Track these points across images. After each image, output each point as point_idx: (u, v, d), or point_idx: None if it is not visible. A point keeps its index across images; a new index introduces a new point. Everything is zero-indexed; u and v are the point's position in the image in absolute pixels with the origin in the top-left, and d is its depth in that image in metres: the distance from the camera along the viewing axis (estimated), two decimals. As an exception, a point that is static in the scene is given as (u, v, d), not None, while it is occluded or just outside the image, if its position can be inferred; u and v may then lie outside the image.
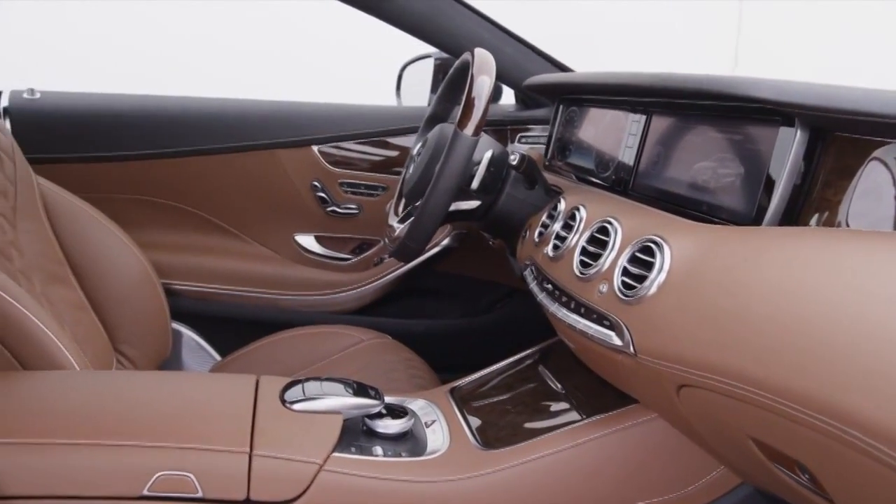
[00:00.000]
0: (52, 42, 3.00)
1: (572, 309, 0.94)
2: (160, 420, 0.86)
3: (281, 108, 1.71)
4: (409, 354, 1.46)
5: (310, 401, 0.92)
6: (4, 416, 0.83)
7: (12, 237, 1.21)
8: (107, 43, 3.16)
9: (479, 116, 1.10)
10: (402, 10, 1.48)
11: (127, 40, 3.18)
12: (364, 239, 1.77)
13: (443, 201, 1.12)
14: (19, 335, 1.00)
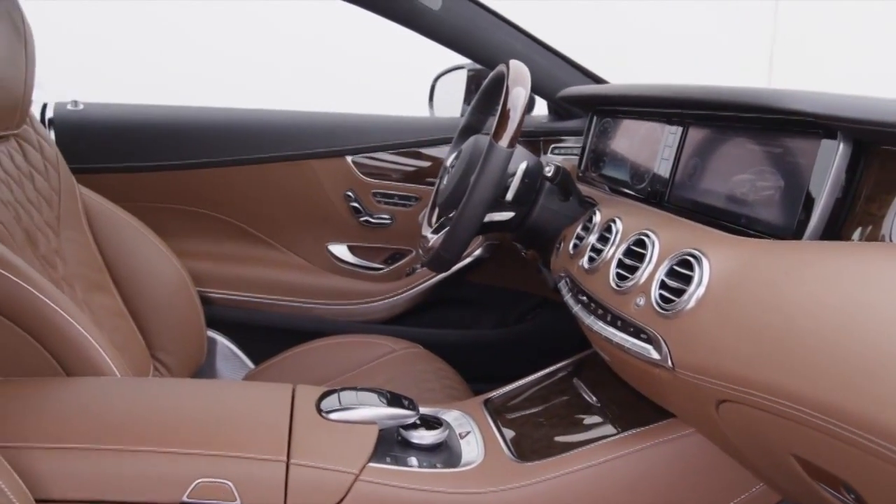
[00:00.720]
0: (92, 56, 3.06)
1: (608, 322, 0.94)
2: (200, 428, 0.87)
3: (316, 119, 1.73)
4: (441, 364, 1.46)
5: (346, 410, 0.93)
6: (52, 420, 0.85)
7: (56, 245, 1.24)
8: (146, 57, 3.22)
9: (514, 128, 1.10)
10: (438, 23, 1.49)
11: (167, 56, 3.25)
12: (396, 249, 1.78)
13: (477, 212, 1.12)
14: (64, 342, 1.02)
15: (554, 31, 1.89)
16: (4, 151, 1.19)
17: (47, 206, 1.25)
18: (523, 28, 1.58)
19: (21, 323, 1.00)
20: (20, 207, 1.16)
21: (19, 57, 1.15)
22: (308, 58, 3.43)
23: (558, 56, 1.61)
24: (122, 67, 3.11)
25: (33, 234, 1.18)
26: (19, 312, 0.99)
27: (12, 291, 0.98)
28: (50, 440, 0.82)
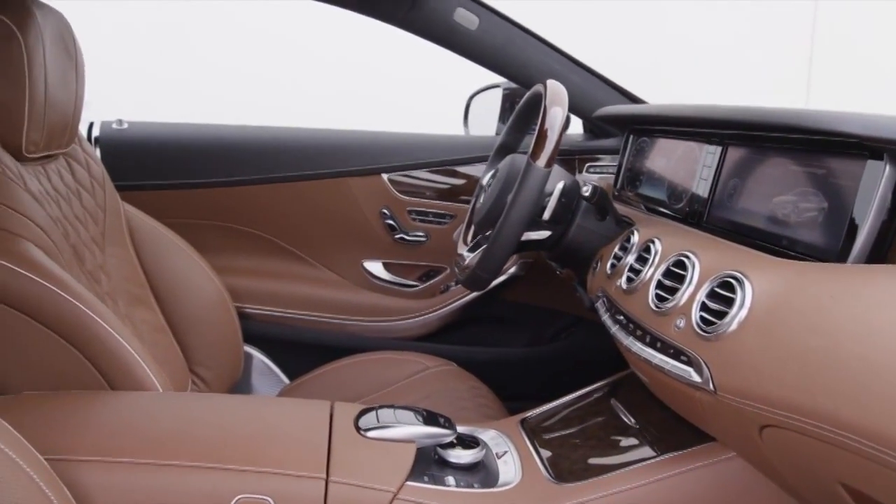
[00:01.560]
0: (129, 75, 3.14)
1: (648, 343, 0.93)
2: (241, 444, 0.88)
3: (352, 137, 1.75)
4: (475, 383, 1.46)
5: (384, 428, 0.93)
6: (98, 434, 0.87)
7: (101, 261, 1.27)
8: (187, 79, 3.30)
9: (551, 148, 1.11)
10: (474, 43, 1.50)
11: (208, 78, 3.32)
12: (431, 266, 1.79)
13: (515, 232, 1.12)
14: (108, 356, 1.04)
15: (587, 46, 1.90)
16: (54, 169, 1.22)
17: (93, 222, 1.29)
18: (559, 47, 1.59)
19: (69, 337, 1.02)
20: (68, 224, 1.19)
21: (70, 78, 1.19)
22: (345, 78, 3.48)
23: (594, 75, 1.62)
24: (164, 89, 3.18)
25: (80, 250, 1.21)
26: (67, 327, 1.02)
27: (61, 306, 1.01)
28: (97, 454, 0.84)
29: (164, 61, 3.31)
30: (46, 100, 1.11)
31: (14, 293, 1.00)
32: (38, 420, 0.89)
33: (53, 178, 1.22)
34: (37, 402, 0.96)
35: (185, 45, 3.35)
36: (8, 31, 1.04)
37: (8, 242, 1.02)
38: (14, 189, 1.06)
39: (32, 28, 1.07)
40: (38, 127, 1.11)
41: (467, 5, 1.48)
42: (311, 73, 3.46)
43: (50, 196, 1.17)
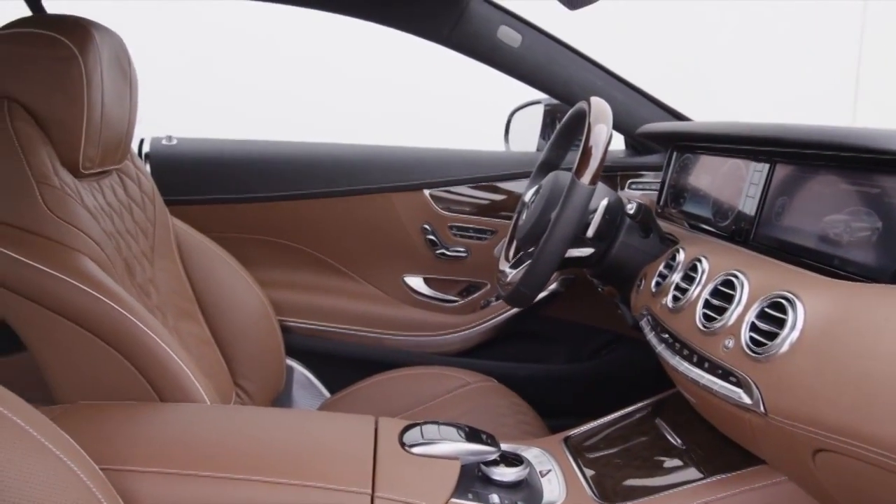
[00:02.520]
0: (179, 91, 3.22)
1: (695, 363, 0.92)
2: (287, 457, 0.89)
3: (394, 154, 1.77)
4: (515, 399, 1.46)
5: (428, 445, 0.94)
6: (150, 445, 0.89)
7: (151, 275, 1.30)
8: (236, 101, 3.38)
9: (596, 165, 1.11)
10: (517, 60, 1.51)
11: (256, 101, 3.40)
12: (471, 281, 1.79)
13: (559, 249, 1.12)
14: (159, 368, 1.07)
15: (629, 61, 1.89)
16: (108, 185, 1.26)
17: (143, 236, 1.32)
18: (601, 63, 1.59)
19: (121, 349, 1.05)
20: (120, 238, 1.23)
21: (125, 97, 1.22)
22: (384, 97, 3.53)
23: (637, 91, 1.61)
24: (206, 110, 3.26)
25: (131, 264, 1.24)
26: (120, 339, 1.05)
27: (115, 319, 1.04)
28: (148, 464, 0.85)
29: (206, 84, 3.39)
30: (103, 118, 1.15)
31: (71, 306, 1.03)
32: (93, 430, 0.91)
33: (107, 193, 1.25)
34: (91, 411, 0.99)
35: (231, 69, 3.44)
36: (69, 53, 1.08)
37: (65, 256, 1.05)
38: (72, 204, 1.09)
39: (91, 49, 1.11)
40: (95, 144, 1.15)
41: (511, 23, 1.49)
42: (354, 92, 3.51)
43: (104, 211, 1.21)
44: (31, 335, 1.07)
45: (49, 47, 1.08)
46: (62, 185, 1.09)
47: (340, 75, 3.51)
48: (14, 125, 1.07)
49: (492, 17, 1.47)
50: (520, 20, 1.51)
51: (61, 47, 1.08)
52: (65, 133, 1.11)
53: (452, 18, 1.44)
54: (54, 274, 1.03)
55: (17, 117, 1.07)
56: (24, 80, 1.08)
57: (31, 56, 1.08)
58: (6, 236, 1.04)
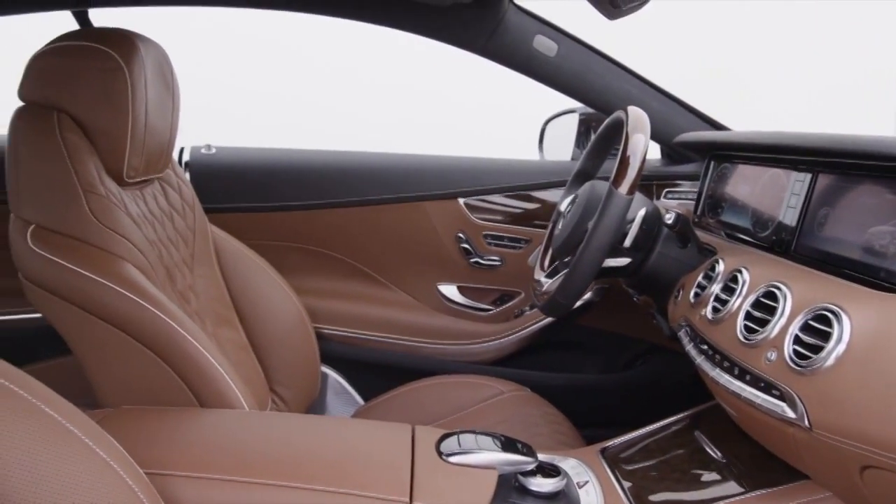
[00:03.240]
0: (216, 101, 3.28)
1: (736, 375, 0.91)
2: (326, 465, 0.90)
3: (429, 162, 1.77)
4: (549, 409, 1.45)
5: (466, 454, 0.93)
6: (190, 450, 0.90)
7: (190, 281, 1.32)
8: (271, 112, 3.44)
9: (633, 175, 1.10)
10: (553, 70, 1.51)
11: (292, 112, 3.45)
12: (505, 290, 1.79)
13: (596, 258, 1.12)
14: (199, 375, 1.08)
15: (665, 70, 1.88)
16: (150, 193, 1.28)
17: (184, 244, 1.34)
18: (638, 72, 1.58)
19: (163, 355, 1.07)
20: (162, 246, 1.25)
21: (168, 107, 1.25)
22: (420, 105, 3.55)
23: (673, 100, 1.60)
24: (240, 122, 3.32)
25: (172, 271, 1.26)
26: (162, 345, 1.06)
27: (157, 325, 1.05)
28: (190, 469, 0.87)
29: (236, 95, 3.45)
30: (146, 128, 1.17)
31: (115, 312, 1.05)
32: (136, 434, 0.93)
33: (149, 201, 1.27)
34: (134, 416, 1.00)
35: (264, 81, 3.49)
36: (115, 64, 1.11)
37: (110, 263, 1.07)
38: (116, 212, 1.11)
39: (137, 61, 1.13)
40: (139, 153, 1.17)
41: (547, 32, 1.49)
42: (388, 103, 3.55)
43: (146, 219, 1.23)
44: (76, 340, 1.09)
45: (96, 59, 1.11)
46: (107, 193, 1.12)
47: (375, 86, 3.55)
48: (63, 135, 1.09)
49: (528, 26, 1.48)
50: (556, 29, 1.51)
51: (108, 59, 1.11)
52: (110, 143, 1.13)
53: (489, 29, 1.44)
54: (99, 280, 1.05)
55: (65, 128, 1.10)
56: (73, 91, 1.11)
57: (79, 68, 1.11)
58: (53, 243, 1.07)
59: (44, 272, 1.06)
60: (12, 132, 1.11)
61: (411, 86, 3.55)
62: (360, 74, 3.55)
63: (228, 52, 3.45)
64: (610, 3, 0.97)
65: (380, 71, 3.54)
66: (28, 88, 1.13)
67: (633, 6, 1.01)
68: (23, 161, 1.10)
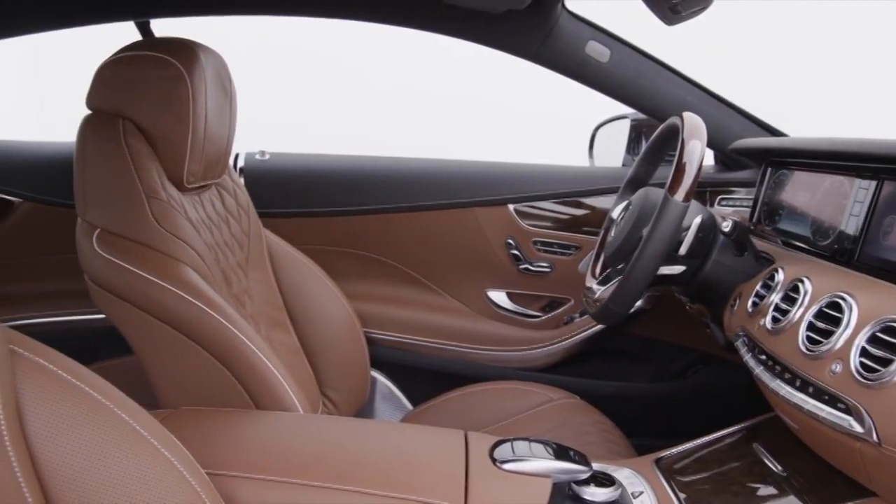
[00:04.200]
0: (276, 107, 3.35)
1: (798, 387, 0.89)
2: (381, 469, 0.91)
3: (479, 168, 1.78)
4: (599, 417, 1.44)
5: (520, 461, 0.93)
6: (248, 451, 0.92)
7: (245, 285, 1.35)
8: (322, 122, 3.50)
9: (690, 182, 1.09)
10: (605, 75, 1.50)
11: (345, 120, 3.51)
12: (554, 297, 1.78)
13: (651, 266, 1.10)
14: (255, 377, 1.10)
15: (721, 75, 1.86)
16: (207, 198, 1.31)
17: (239, 248, 1.37)
18: (692, 78, 1.56)
19: (221, 357, 1.09)
20: (218, 250, 1.27)
21: (226, 114, 1.27)
22: (469, 111, 3.57)
23: (728, 105, 1.57)
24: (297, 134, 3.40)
25: (228, 275, 1.28)
26: (220, 348, 1.09)
27: (216, 328, 1.08)
28: (248, 470, 0.88)
29: (290, 106, 3.51)
30: (206, 134, 1.20)
31: (175, 314, 1.08)
32: (196, 435, 0.95)
33: (207, 206, 1.30)
34: (193, 417, 1.02)
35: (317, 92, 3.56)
36: (177, 73, 1.13)
37: (171, 267, 1.10)
38: (177, 217, 1.14)
39: (197, 69, 1.16)
40: (198, 159, 1.20)
41: (599, 38, 1.48)
42: (436, 111, 3.57)
43: (204, 223, 1.26)
44: (137, 341, 1.12)
45: (160, 68, 1.14)
46: (169, 198, 1.15)
47: (423, 95, 3.57)
48: (127, 142, 1.12)
49: (580, 32, 1.47)
50: (608, 35, 1.50)
51: (170, 68, 1.14)
52: (171, 149, 1.16)
53: (541, 35, 1.44)
54: (160, 283, 1.08)
55: (129, 134, 1.13)
56: (137, 99, 1.14)
57: (143, 77, 1.14)
58: (118, 246, 1.10)
59: (108, 275, 1.09)
60: (80, 139, 1.15)
61: (460, 94, 3.57)
62: (410, 85, 3.59)
63: (281, 66, 3.52)
64: (670, 10, 0.96)
65: (428, 79, 3.56)
66: (95, 97, 1.17)
67: (694, 11, 1.00)
68: (89, 167, 1.13)
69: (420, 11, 1.40)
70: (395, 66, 3.56)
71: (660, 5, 0.97)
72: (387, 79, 3.59)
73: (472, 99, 3.57)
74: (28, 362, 0.68)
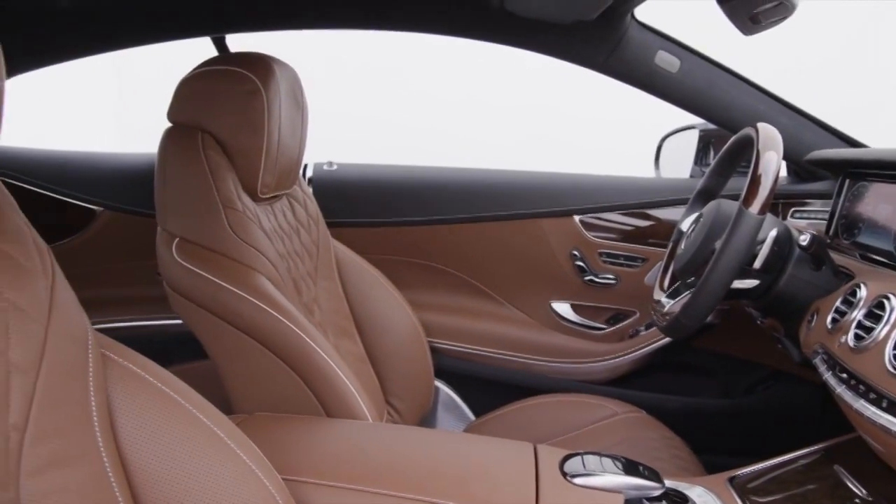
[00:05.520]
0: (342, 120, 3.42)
1: (884, 408, 0.86)
2: (452, 479, 0.91)
3: (544, 179, 1.77)
4: (667, 433, 1.41)
5: (591, 476, 0.92)
6: (321, 458, 0.93)
7: (315, 294, 1.37)
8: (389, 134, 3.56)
9: (766, 195, 1.06)
10: (675, 86, 1.48)
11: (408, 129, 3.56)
12: (620, 309, 1.76)
13: (725, 280, 1.08)
14: (326, 385, 1.12)
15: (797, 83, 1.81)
16: (279, 208, 1.34)
17: (308, 257, 1.39)
18: (765, 87, 1.53)
19: (293, 365, 1.11)
20: (290, 259, 1.30)
21: (298, 126, 1.30)
22: (534, 121, 3.57)
23: (803, 115, 1.53)
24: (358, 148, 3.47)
25: (298, 284, 1.31)
26: (292, 355, 1.11)
27: (288, 336, 1.10)
28: (321, 477, 0.89)
29: (364, 123, 3.58)
30: (279, 146, 1.23)
31: (249, 322, 1.10)
32: (270, 440, 0.97)
33: (279, 216, 1.33)
34: (267, 422, 1.05)
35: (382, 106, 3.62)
36: (254, 86, 1.17)
37: (246, 275, 1.12)
38: (252, 227, 1.17)
39: (273, 83, 1.19)
40: (272, 171, 1.23)
41: (668, 48, 1.46)
42: (501, 120, 3.58)
43: (276, 233, 1.29)
44: (213, 347, 1.15)
45: (237, 82, 1.17)
46: (244, 208, 1.18)
47: (486, 105, 3.59)
48: (206, 153, 1.16)
49: (650, 42, 1.45)
50: (678, 45, 1.48)
51: (247, 81, 1.17)
52: (247, 160, 1.20)
53: (610, 45, 1.43)
54: (236, 291, 1.11)
55: (208, 146, 1.17)
56: (215, 112, 1.18)
57: (221, 91, 1.18)
58: (195, 255, 1.13)
59: (186, 282, 1.12)
60: (161, 151, 1.19)
61: (523, 103, 3.57)
62: (473, 95, 3.61)
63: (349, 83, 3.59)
64: (750, 20, 0.95)
65: (490, 90, 3.58)
66: (176, 110, 1.21)
67: (774, 21, 0.98)
68: (170, 178, 1.17)
69: (489, 24, 1.41)
70: (457, 79, 3.59)
71: (740, 16, 0.95)
72: (450, 91, 3.63)
73: (535, 108, 3.56)
74: (119, 367, 0.71)
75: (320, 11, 1.42)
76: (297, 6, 1.40)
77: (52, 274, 0.68)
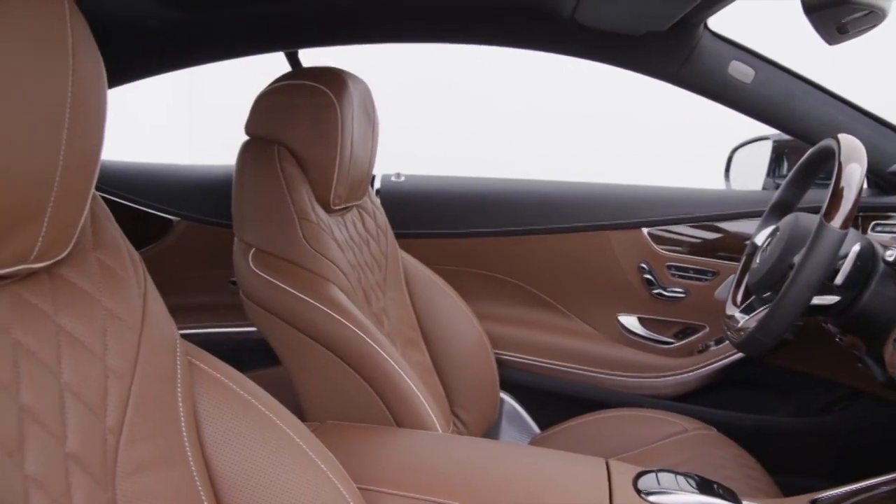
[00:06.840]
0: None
1: (980, 433, 0.82)
2: (525, 493, 0.91)
3: (612, 191, 1.76)
4: (738, 451, 1.38)
5: (666, 494, 0.91)
6: (394, 468, 0.94)
7: (383, 304, 1.39)
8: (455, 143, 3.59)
9: (848, 208, 1.03)
10: (749, 96, 1.44)
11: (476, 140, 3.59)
12: (689, 324, 1.72)
13: (804, 296, 1.05)
14: (397, 395, 1.13)
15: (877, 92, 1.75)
16: (350, 219, 1.37)
17: (378, 268, 1.41)
18: (844, 96, 1.48)
19: (364, 374, 1.13)
20: (360, 269, 1.32)
21: (369, 138, 1.32)
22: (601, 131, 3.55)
23: (885, 125, 1.48)
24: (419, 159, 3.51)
25: (368, 294, 1.33)
26: (364, 365, 1.12)
27: (360, 346, 1.12)
28: (394, 486, 0.90)
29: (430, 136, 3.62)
30: (351, 158, 1.25)
31: (322, 331, 1.13)
32: (344, 449, 0.98)
33: (349, 227, 1.36)
34: (340, 431, 1.06)
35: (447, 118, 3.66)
36: (328, 100, 1.19)
37: (319, 285, 1.15)
38: (325, 238, 1.20)
39: (346, 96, 1.22)
40: (344, 182, 1.25)
41: (743, 58, 1.43)
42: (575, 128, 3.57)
43: (347, 244, 1.31)
44: (286, 355, 1.18)
45: (312, 96, 1.20)
46: (318, 220, 1.20)
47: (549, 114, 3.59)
48: (281, 166, 1.19)
49: (723, 52, 1.43)
50: (752, 54, 1.45)
51: (322, 95, 1.20)
52: (321, 172, 1.22)
53: (682, 56, 1.41)
54: (309, 301, 1.13)
55: (283, 159, 1.20)
56: (291, 125, 1.21)
57: (297, 105, 1.21)
58: (270, 265, 1.16)
59: (261, 291, 1.16)
60: (238, 163, 1.23)
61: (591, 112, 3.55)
62: (537, 104, 3.61)
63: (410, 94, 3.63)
64: (837, 30, 0.92)
65: (553, 98, 3.57)
66: (253, 124, 1.24)
67: (863, 30, 0.95)
68: (246, 190, 1.21)
69: (562, 36, 1.41)
70: (520, 89, 3.60)
71: (827, 25, 0.93)
72: (512, 100, 3.63)
73: (604, 116, 3.54)
74: (204, 374, 0.74)
75: (396, 26, 1.44)
76: (373, 21, 1.42)
77: (145, 283, 0.71)
